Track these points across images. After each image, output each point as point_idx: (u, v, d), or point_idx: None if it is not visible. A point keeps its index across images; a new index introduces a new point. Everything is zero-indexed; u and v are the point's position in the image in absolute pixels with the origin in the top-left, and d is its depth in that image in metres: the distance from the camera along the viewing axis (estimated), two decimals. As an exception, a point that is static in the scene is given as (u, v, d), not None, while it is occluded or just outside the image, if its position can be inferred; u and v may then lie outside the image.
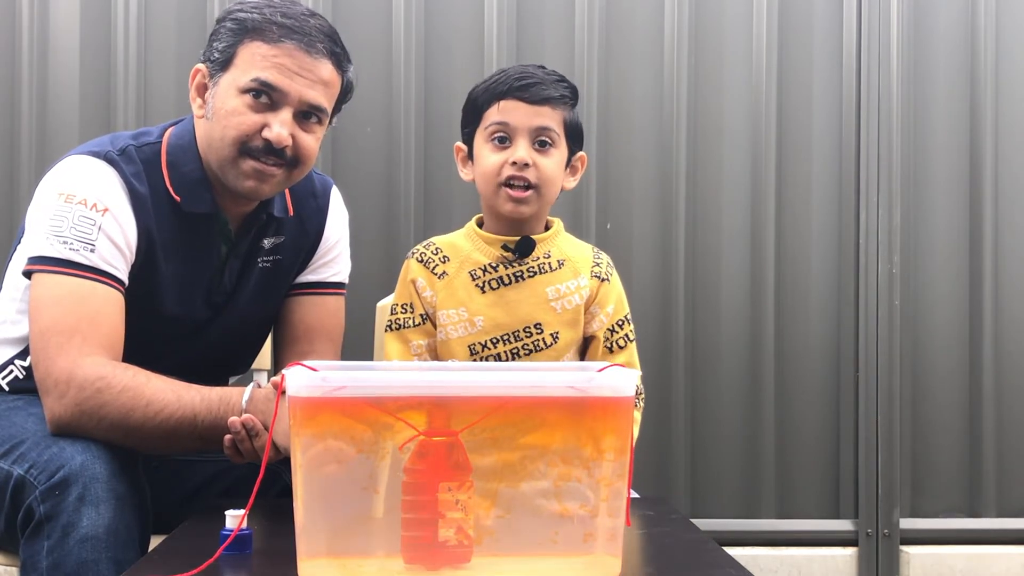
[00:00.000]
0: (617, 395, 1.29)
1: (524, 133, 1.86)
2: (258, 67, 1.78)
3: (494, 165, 1.86)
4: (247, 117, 1.79)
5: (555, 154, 1.88)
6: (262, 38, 1.79)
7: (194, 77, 1.86)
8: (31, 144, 2.81)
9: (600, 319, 1.93)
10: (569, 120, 1.90)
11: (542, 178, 1.86)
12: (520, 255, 1.90)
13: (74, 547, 1.59)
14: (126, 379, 1.71)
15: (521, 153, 1.85)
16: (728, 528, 2.91)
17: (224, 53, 1.82)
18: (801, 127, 2.98)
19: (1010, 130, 3.01)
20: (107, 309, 1.77)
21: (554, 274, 1.92)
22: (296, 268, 2.06)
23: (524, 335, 1.89)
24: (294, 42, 1.78)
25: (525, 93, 1.85)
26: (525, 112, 1.85)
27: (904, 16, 2.97)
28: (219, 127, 1.82)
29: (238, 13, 1.82)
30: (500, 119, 1.86)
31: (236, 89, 1.80)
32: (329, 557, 1.26)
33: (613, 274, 1.96)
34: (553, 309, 1.90)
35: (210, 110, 1.83)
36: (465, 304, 1.90)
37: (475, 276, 1.91)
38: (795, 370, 2.97)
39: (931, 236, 3.00)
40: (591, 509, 1.28)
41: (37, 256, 1.78)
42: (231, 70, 1.81)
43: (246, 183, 1.83)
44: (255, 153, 1.81)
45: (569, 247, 1.96)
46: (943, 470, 3.00)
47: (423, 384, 1.32)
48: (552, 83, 1.89)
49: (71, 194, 1.80)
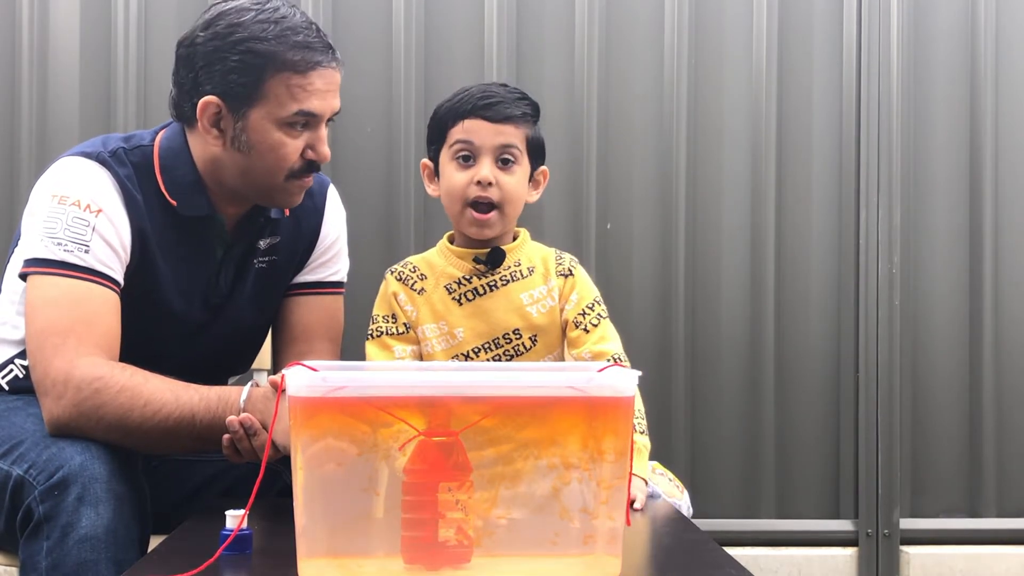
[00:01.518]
0: (617, 395, 1.30)
1: (488, 151, 1.92)
2: (297, 99, 1.80)
3: (459, 184, 1.93)
4: (291, 147, 1.83)
5: (518, 171, 1.95)
6: (292, 69, 1.79)
7: (204, 109, 1.82)
8: (31, 144, 2.81)
9: (571, 307, 1.98)
10: (531, 137, 1.97)
11: (505, 196, 1.93)
12: (492, 266, 1.97)
13: (73, 547, 1.59)
14: (124, 379, 1.71)
15: (485, 172, 1.91)
16: (728, 528, 2.91)
17: (247, 87, 1.79)
18: (801, 127, 2.98)
19: (1010, 130, 3.01)
20: (103, 310, 1.77)
21: (526, 280, 1.98)
22: (293, 268, 2.06)
23: (504, 341, 1.96)
24: (320, 66, 1.81)
25: (488, 112, 1.91)
26: (488, 131, 1.91)
27: (904, 16, 2.97)
28: (262, 160, 1.83)
29: (251, 44, 1.78)
30: (464, 137, 1.92)
31: (275, 122, 1.81)
32: (329, 557, 1.26)
33: (576, 268, 2.02)
34: (529, 314, 1.96)
35: (242, 143, 1.82)
36: (444, 318, 1.97)
37: (451, 289, 1.97)
38: (795, 370, 2.97)
39: (931, 236, 3.00)
40: (591, 509, 1.28)
41: (32, 258, 1.79)
42: (262, 104, 1.80)
43: (291, 199, 1.91)
44: (299, 174, 1.86)
45: (536, 253, 2.02)
46: (943, 470, 3.00)
47: (423, 384, 1.32)
48: (514, 101, 1.95)
49: (64, 195, 1.80)
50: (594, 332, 1.97)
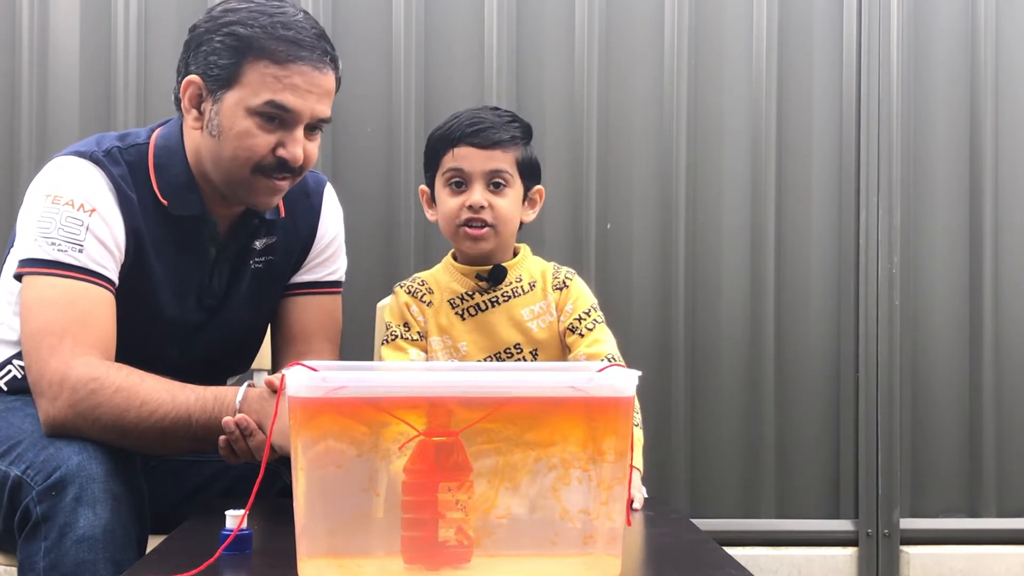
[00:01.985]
0: (617, 395, 1.29)
1: (478, 177, 1.96)
2: (270, 89, 1.76)
3: (452, 209, 1.97)
4: (260, 139, 1.79)
5: (509, 193, 1.98)
6: (270, 57, 1.76)
7: (186, 88, 1.82)
8: (31, 144, 2.81)
9: (566, 315, 2.01)
10: (522, 159, 1.99)
11: (498, 218, 1.96)
12: (493, 283, 2.01)
13: (71, 547, 1.59)
14: (120, 379, 1.71)
15: (476, 197, 1.95)
16: (728, 528, 2.91)
17: (226, 70, 1.78)
18: (801, 127, 2.98)
19: (1010, 130, 3.01)
20: (98, 310, 1.77)
21: (527, 296, 2.02)
22: (290, 268, 2.05)
23: (505, 355, 2.00)
24: (303, 61, 1.77)
25: (476, 139, 1.95)
26: (478, 157, 1.95)
27: (904, 16, 2.97)
28: (228, 147, 1.80)
29: (235, 28, 1.77)
30: (455, 165, 1.96)
31: (245, 109, 1.78)
32: (329, 557, 1.25)
33: (572, 279, 2.04)
34: (530, 329, 2.00)
35: (213, 126, 1.80)
36: (448, 332, 2.01)
37: (454, 305, 2.01)
38: (795, 370, 2.97)
39: (931, 236, 3.00)
40: (591, 509, 1.28)
41: (26, 259, 1.78)
42: (237, 88, 1.78)
43: (259, 199, 1.86)
44: (268, 171, 1.82)
45: (536, 268, 2.05)
46: (943, 470, 3.00)
47: (423, 384, 1.32)
48: (503, 125, 1.98)
49: (58, 195, 1.79)
50: (589, 335, 1.99)
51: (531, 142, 2.03)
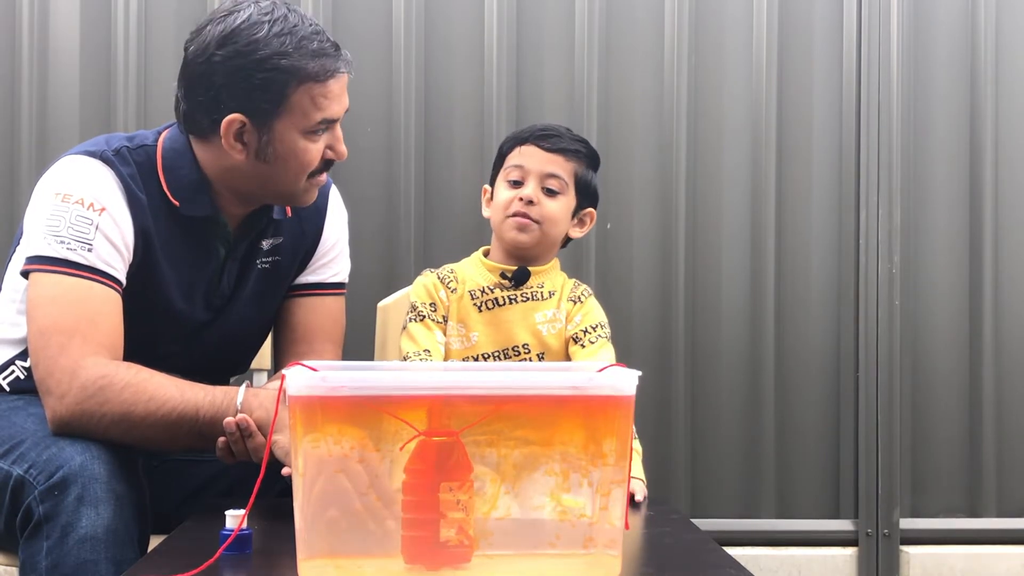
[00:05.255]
0: (618, 395, 1.30)
1: (535, 176, 2.05)
2: (320, 108, 1.83)
3: (505, 200, 2.07)
4: (314, 151, 1.86)
5: (561, 200, 2.07)
6: (312, 79, 1.80)
7: (229, 127, 1.81)
8: (31, 144, 2.81)
9: (573, 326, 2.09)
10: (580, 174, 2.09)
11: (544, 216, 2.04)
12: (516, 283, 2.08)
13: (73, 547, 1.59)
14: (128, 376, 1.72)
15: (528, 191, 2.04)
16: (728, 528, 2.91)
17: (273, 103, 1.80)
18: (801, 127, 2.98)
19: (1010, 130, 3.01)
20: (106, 309, 1.77)
21: (544, 302, 2.08)
22: (295, 269, 2.06)
23: (512, 354, 2.06)
24: (336, 72, 1.83)
25: (543, 141, 2.07)
26: (539, 158, 2.06)
27: (904, 16, 2.97)
28: (289, 168, 1.86)
29: (277, 61, 1.78)
30: (517, 162, 2.07)
31: (301, 132, 1.83)
32: (329, 557, 1.25)
33: (588, 297, 2.12)
34: (540, 332, 2.06)
35: (268, 154, 1.84)
36: (464, 320, 2.07)
37: (474, 296, 2.08)
38: (795, 370, 2.97)
39: (931, 236, 3.00)
40: (591, 509, 1.28)
41: (35, 256, 1.78)
42: (286, 116, 1.81)
43: (311, 197, 1.95)
44: (318, 172, 1.90)
45: (558, 280, 2.12)
46: (943, 470, 3.00)
47: (423, 384, 1.32)
48: (570, 139, 2.10)
49: (68, 194, 1.80)
50: (590, 348, 2.06)
51: (596, 171, 2.12)
